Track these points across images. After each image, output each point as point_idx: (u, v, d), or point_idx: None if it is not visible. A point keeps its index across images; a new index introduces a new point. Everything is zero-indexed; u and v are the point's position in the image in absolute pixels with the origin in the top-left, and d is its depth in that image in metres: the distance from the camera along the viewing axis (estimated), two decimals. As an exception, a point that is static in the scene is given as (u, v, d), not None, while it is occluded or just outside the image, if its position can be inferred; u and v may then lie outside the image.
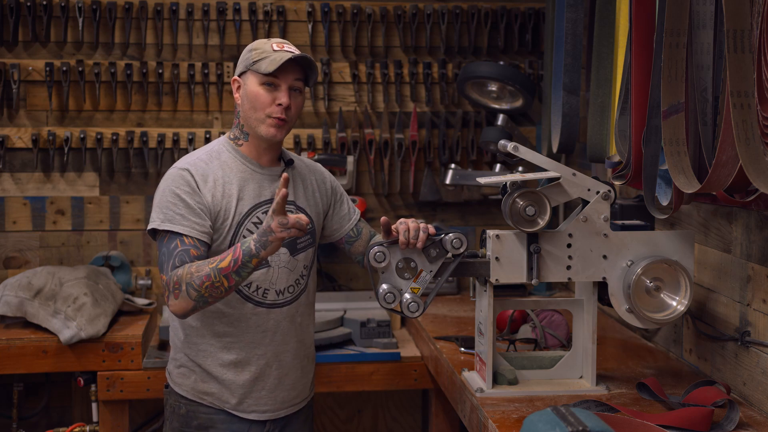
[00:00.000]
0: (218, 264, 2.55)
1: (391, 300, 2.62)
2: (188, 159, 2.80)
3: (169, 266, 2.62)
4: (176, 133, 4.20)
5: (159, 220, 2.68)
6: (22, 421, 4.08)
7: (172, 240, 2.65)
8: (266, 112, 2.72)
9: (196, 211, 2.68)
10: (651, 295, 2.68)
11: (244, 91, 2.76)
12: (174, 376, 2.86)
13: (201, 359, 2.80)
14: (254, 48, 2.76)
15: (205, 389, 2.80)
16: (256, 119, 2.73)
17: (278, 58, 2.69)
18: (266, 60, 2.70)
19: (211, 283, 2.55)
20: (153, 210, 2.72)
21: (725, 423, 2.44)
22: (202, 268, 2.56)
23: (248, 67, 2.74)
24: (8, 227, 4.17)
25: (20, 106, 4.14)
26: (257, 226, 2.75)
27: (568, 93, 3.31)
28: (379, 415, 4.43)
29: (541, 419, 2.15)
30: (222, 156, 2.79)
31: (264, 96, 2.71)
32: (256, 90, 2.72)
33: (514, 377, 2.77)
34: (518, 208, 2.63)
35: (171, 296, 2.60)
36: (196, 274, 2.56)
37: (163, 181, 2.76)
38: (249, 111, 2.74)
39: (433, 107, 4.36)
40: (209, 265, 2.56)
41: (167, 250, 2.65)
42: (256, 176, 2.79)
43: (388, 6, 4.30)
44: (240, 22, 4.23)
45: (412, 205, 4.40)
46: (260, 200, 2.77)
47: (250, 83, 2.73)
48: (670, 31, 2.34)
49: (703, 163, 2.36)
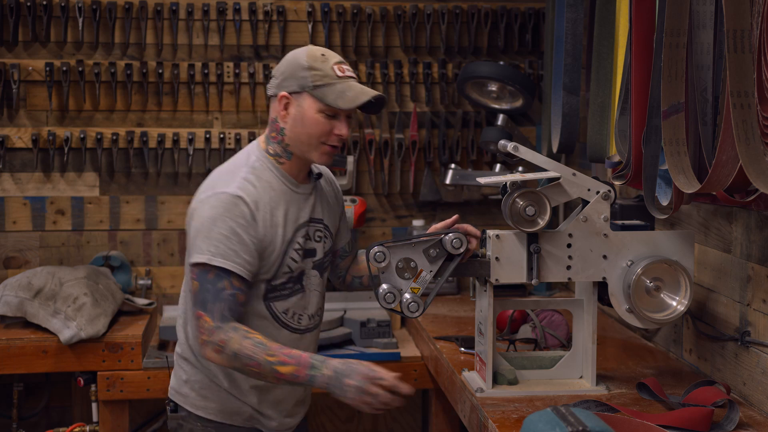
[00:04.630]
0: (276, 364, 2.43)
1: (391, 300, 2.62)
2: (235, 180, 2.56)
3: (217, 309, 2.47)
4: (176, 133, 4.20)
5: (209, 253, 2.48)
6: (22, 421, 4.08)
7: (220, 278, 2.48)
8: (322, 139, 2.57)
9: (249, 247, 2.51)
10: (651, 295, 2.68)
11: (297, 113, 2.57)
12: (193, 398, 2.68)
13: (228, 383, 2.65)
14: (312, 67, 2.55)
15: (234, 409, 2.66)
16: (309, 145, 2.58)
17: (351, 94, 2.53)
18: (333, 90, 2.53)
19: (258, 373, 2.46)
20: (198, 239, 2.51)
21: (725, 423, 2.44)
22: (257, 353, 2.44)
23: (306, 90, 2.55)
24: (8, 227, 4.17)
25: (20, 106, 4.14)
26: (298, 252, 2.63)
27: (568, 93, 3.31)
28: (379, 415, 4.43)
29: (541, 419, 2.15)
30: (265, 175, 2.60)
31: (323, 124, 2.55)
32: (315, 117, 2.55)
33: (514, 377, 2.77)
34: (518, 208, 2.63)
35: (210, 346, 2.47)
36: (250, 355, 2.44)
37: (211, 207, 2.52)
38: (301, 135, 2.58)
39: (433, 107, 4.36)
40: (266, 356, 2.44)
41: (213, 287, 2.48)
42: (295, 197, 2.64)
43: (388, 6, 4.30)
44: (240, 22, 4.23)
45: (412, 205, 4.40)
46: (299, 223, 2.64)
47: (308, 108, 2.55)
48: (670, 31, 2.34)
49: (703, 163, 2.36)
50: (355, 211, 4.07)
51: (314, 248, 2.69)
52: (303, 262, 2.66)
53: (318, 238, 2.70)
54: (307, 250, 2.67)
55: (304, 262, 2.67)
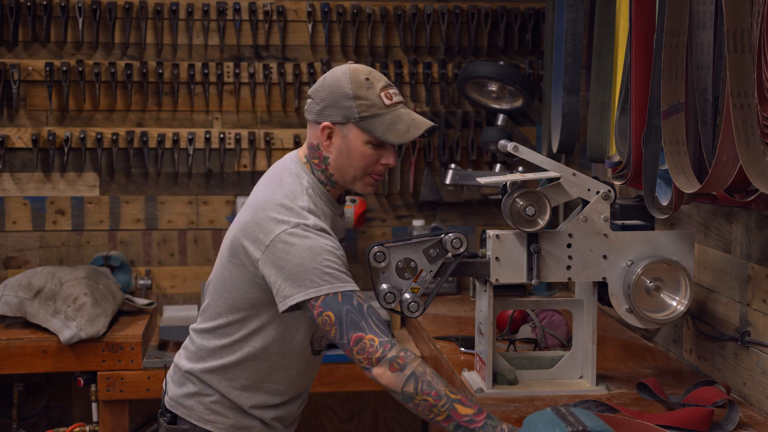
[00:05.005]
0: (456, 402, 2.27)
1: (391, 300, 2.62)
2: (300, 212, 2.43)
3: (373, 325, 2.34)
4: (176, 133, 4.20)
5: (327, 283, 2.36)
6: (22, 421, 4.09)
7: (350, 298, 2.36)
8: (369, 170, 2.50)
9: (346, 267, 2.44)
10: (651, 295, 2.68)
11: (343, 145, 2.46)
12: (201, 412, 2.60)
13: (243, 399, 2.58)
14: (357, 95, 2.42)
15: (246, 424, 2.60)
16: (354, 177, 2.50)
17: (402, 126, 2.42)
18: (382, 121, 2.42)
19: (431, 405, 2.27)
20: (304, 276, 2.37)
21: (725, 423, 2.44)
22: (438, 384, 2.29)
23: (352, 121, 2.43)
24: (8, 227, 4.17)
25: (20, 106, 4.14)
26: None
27: (568, 93, 3.31)
28: (379, 415, 4.43)
29: (541, 419, 2.15)
30: (319, 202, 2.51)
31: (370, 156, 2.46)
32: (362, 149, 2.45)
33: (514, 377, 2.77)
34: (518, 208, 2.63)
35: (387, 363, 2.31)
36: (430, 381, 2.29)
37: (296, 245, 2.38)
38: (347, 167, 2.49)
39: (433, 107, 4.36)
40: (448, 391, 2.28)
41: (352, 308, 2.35)
42: (337, 220, 2.60)
43: (388, 6, 4.30)
44: (240, 22, 4.23)
45: (412, 205, 4.40)
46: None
47: (354, 139, 2.45)
48: (670, 31, 2.35)
49: (703, 163, 2.36)
50: (355, 211, 4.07)
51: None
52: None
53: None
54: None
55: None
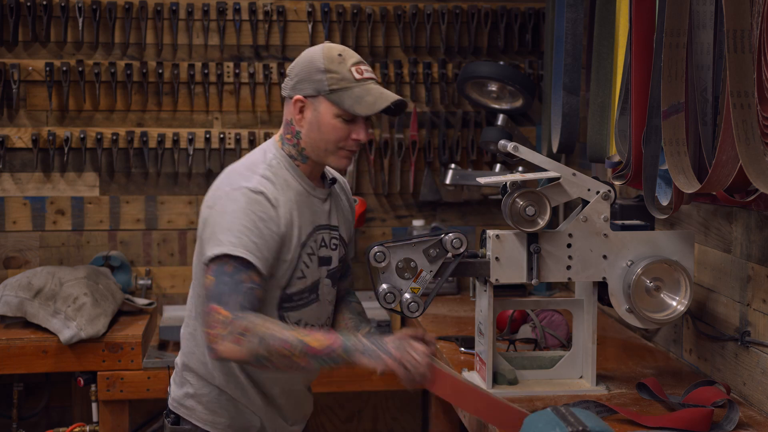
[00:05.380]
0: (309, 341, 2.28)
1: (391, 300, 2.62)
2: (254, 178, 2.46)
3: (234, 301, 2.31)
4: (176, 133, 4.20)
5: (231, 244, 2.35)
6: (22, 421, 4.09)
7: (239, 271, 2.34)
8: (340, 144, 2.48)
9: (269, 243, 2.39)
10: (651, 295, 2.68)
11: (313, 118, 2.47)
12: (201, 412, 2.57)
13: (238, 394, 2.55)
14: (329, 69, 2.44)
15: (245, 423, 2.58)
16: (326, 150, 2.49)
17: (370, 98, 2.43)
18: (350, 94, 2.43)
19: (289, 353, 2.28)
20: (218, 232, 2.38)
21: (725, 423, 2.44)
22: (283, 333, 2.28)
23: (322, 94, 2.45)
24: (8, 227, 4.17)
25: (20, 106, 4.14)
26: (310, 257, 2.51)
27: (568, 93, 3.31)
28: (379, 415, 4.43)
29: (541, 419, 2.15)
30: (281, 173, 2.50)
31: (340, 129, 2.46)
32: (332, 122, 2.45)
33: (514, 377, 2.77)
34: (518, 208, 2.63)
35: (228, 338, 2.29)
36: (275, 335, 2.28)
37: (231, 201, 2.41)
38: (318, 141, 2.48)
39: (433, 107, 4.36)
40: (295, 334, 2.29)
41: (231, 280, 2.34)
42: (311, 200, 2.54)
43: (388, 6, 4.31)
44: (240, 22, 4.23)
45: (412, 205, 4.40)
46: (314, 226, 2.53)
47: (324, 112, 2.45)
48: (670, 31, 2.35)
49: (703, 163, 2.36)
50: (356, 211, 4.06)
51: (330, 256, 2.58)
52: (318, 270, 2.56)
53: (334, 246, 2.60)
54: (321, 257, 2.56)
55: (320, 270, 2.56)
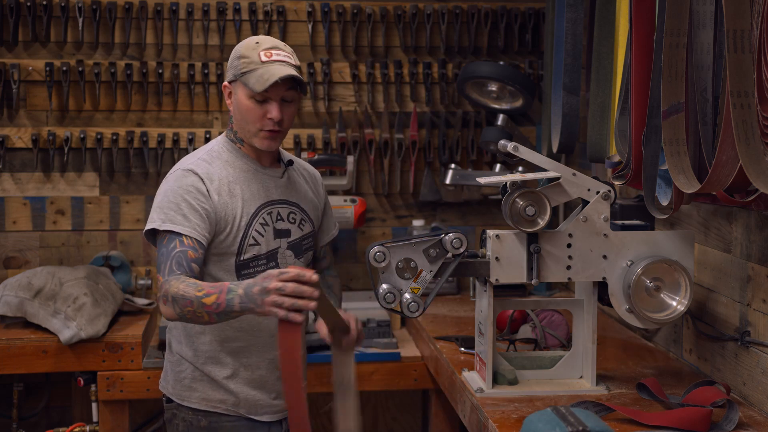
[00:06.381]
0: (203, 297, 2.42)
1: (391, 300, 2.62)
2: (190, 159, 2.73)
3: (167, 268, 2.54)
4: (176, 133, 4.20)
5: (159, 220, 2.60)
6: (22, 421, 4.08)
7: (171, 240, 2.57)
8: (258, 125, 2.65)
9: (199, 212, 2.61)
10: (651, 295, 2.68)
11: (235, 102, 2.68)
12: (180, 389, 2.76)
13: (209, 368, 2.73)
14: (242, 55, 2.65)
15: (219, 397, 2.73)
16: (248, 131, 2.67)
17: (266, 76, 2.58)
18: (254, 75, 2.60)
19: (193, 311, 2.44)
20: (153, 210, 2.64)
21: (724, 423, 2.44)
22: (188, 291, 2.44)
23: (237, 77, 2.65)
24: (8, 227, 4.17)
25: (20, 106, 4.14)
26: (264, 227, 2.71)
27: (568, 93, 3.31)
28: (379, 415, 4.43)
29: (541, 419, 2.15)
30: (223, 155, 2.73)
31: (255, 110, 2.64)
32: (246, 103, 2.64)
33: (514, 377, 2.77)
34: (518, 208, 2.63)
35: (161, 300, 2.51)
36: (183, 294, 2.44)
37: (165, 182, 2.69)
38: (241, 122, 2.68)
39: (433, 107, 4.36)
40: (196, 291, 2.43)
41: (166, 250, 2.57)
42: (260, 176, 2.74)
43: (388, 6, 4.30)
44: (240, 22, 4.23)
45: (412, 205, 4.40)
46: (267, 200, 2.73)
47: (240, 95, 2.65)
48: (670, 31, 2.35)
49: (703, 163, 2.36)
50: (355, 211, 4.07)
51: (287, 228, 2.76)
52: (275, 241, 2.72)
53: (292, 220, 2.77)
54: (278, 229, 2.74)
55: (278, 242, 2.73)
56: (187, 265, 2.55)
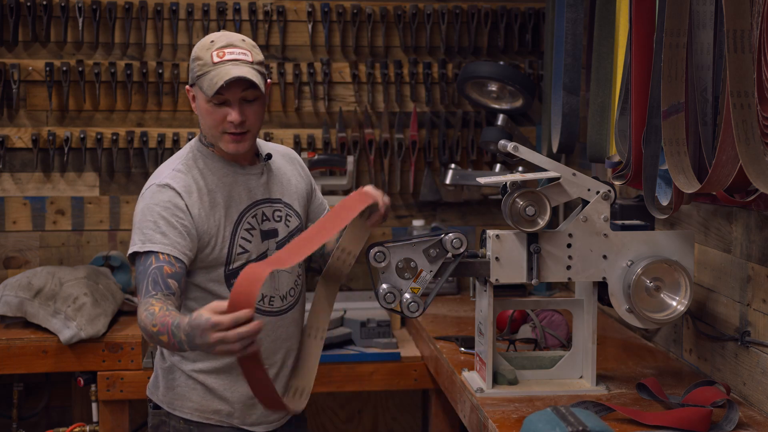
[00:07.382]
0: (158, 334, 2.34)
1: (391, 300, 2.62)
2: (165, 172, 2.59)
3: (143, 288, 2.44)
4: (176, 133, 4.20)
5: (140, 242, 2.50)
6: (22, 421, 4.09)
7: (147, 258, 2.48)
8: (220, 129, 2.52)
9: (178, 229, 2.50)
10: (651, 295, 2.68)
11: (197, 106, 2.56)
12: (171, 398, 2.65)
13: (203, 377, 2.63)
14: (197, 57, 2.52)
15: (213, 407, 2.64)
16: (213, 135, 2.55)
17: (215, 79, 2.45)
18: (207, 78, 2.48)
19: (158, 344, 2.39)
20: (133, 232, 2.54)
21: (724, 423, 2.44)
22: (147, 325, 2.36)
23: (194, 81, 2.52)
24: (8, 227, 4.17)
25: (20, 106, 4.14)
26: (250, 232, 2.60)
27: (568, 93, 3.31)
28: (379, 415, 4.43)
29: (541, 419, 2.15)
30: (199, 163, 2.60)
31: (214, 114, 2.51)
32: (205, 107, 2.51)
33: (514, 377, 2.77)
34: (518, 208, 2.63)
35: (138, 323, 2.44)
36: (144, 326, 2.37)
37: (141, 198, 2.56)
38: (204, 127, 2.56)
39: (433, 107, 4.36)
40: (151, 326, 2.35)
41: (143, 268, 2.47)
42: (240, 177, 2.61)
43: (388, 6, 4.31)
44: (240, 22, 4.23)
45: (412, 205, 4.40)
46: (249, 202, 2.61)
47: (199, 99, 2.53)
48: (670, 31, 2.35)
49: (703, 163, 2.36)
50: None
51: (274, 228, 2.65)
52: (263, 243, 2.62)
53: (278, 218, 2.66)
54: (265, 231, 2.63)
55: (266, 244, 2.62)
56: (162, 281, 2.45)
